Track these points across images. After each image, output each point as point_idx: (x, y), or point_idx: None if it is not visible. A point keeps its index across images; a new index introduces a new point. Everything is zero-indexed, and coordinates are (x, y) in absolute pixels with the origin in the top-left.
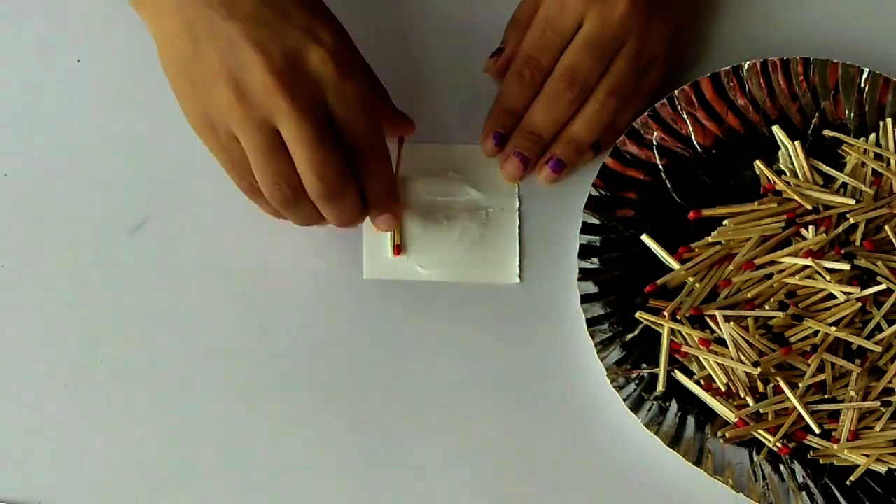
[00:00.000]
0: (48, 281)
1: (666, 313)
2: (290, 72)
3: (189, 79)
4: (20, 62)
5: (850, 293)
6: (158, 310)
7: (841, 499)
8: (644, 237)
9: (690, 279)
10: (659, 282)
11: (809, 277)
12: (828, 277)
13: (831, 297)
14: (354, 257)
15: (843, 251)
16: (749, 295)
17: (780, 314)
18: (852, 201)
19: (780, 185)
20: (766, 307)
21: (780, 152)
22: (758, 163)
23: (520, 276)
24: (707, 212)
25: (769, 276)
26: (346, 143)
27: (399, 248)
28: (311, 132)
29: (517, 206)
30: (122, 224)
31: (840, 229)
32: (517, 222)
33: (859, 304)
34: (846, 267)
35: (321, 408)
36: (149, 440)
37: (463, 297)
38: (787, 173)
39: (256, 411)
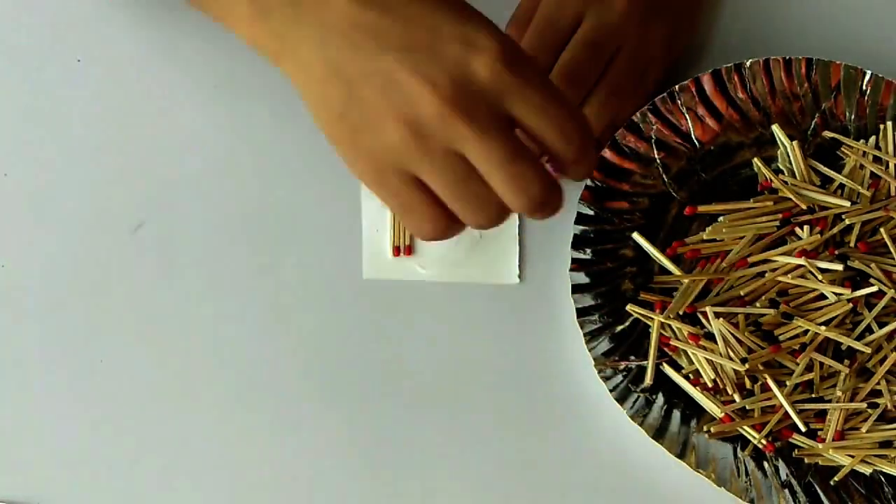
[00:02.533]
0: (48, 281)
1: (657, 309)
2: (461, 94)
3: (348, 126)
4: (20, 62)
5: (840, 294)
6: (158, 310)
7: (824, 498)
8: (635, 235)
9: (685, 281)
10: (654, 283)
11: (802, 277)
12: (820, 277)
13: (823, 296)
14: (354, 257)
15: (836, 252)
16: (741, 292)
17: (770, 311)
18: (847, 203)
19: (776, 183)
20: (758, 304)
21: (778, 151)
22: (756, 160)
23: (519, 276)
24: (703, 208)
25: (762, 273)
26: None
27: (410, 249)
28: (501, 151)
29: None
30: (122, 224)
31: (835, 230)
32: (517, 222)
33: (850, 305)
34: (839, 267)
35: (320, 407)
36: (149, 440)
37: (462, 297)
38: (785, 172)
39: (256, 411)
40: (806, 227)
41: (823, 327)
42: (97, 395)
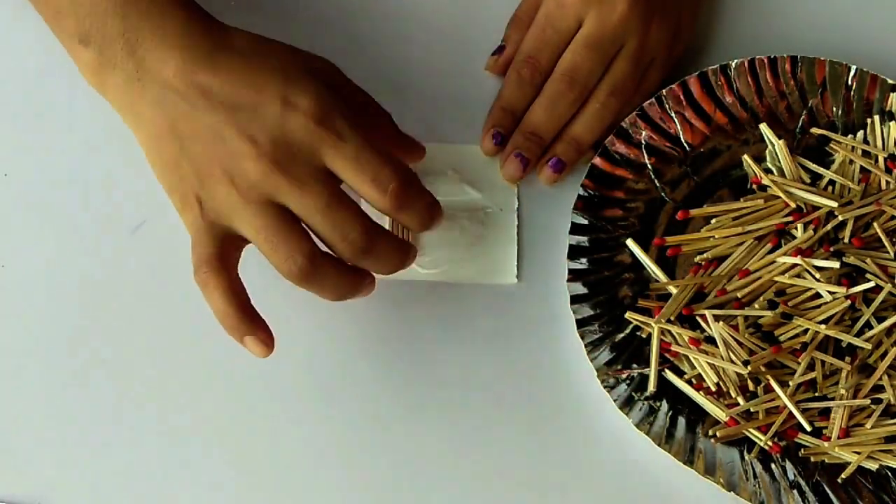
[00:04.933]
0: (48, 281)
1: (655, 315)
2: (279, 151)
3: (179, 178)
4: (20, 62)
5: (835, 293)
6: (158, 310)
7: (832, 496)
8: (629, 242)
9: (673, 289)
10: (650, 290)
11: (798, 276)
12: (817, 276)
13: (821, 294)
14: None
15: (831, 249)
16: (739, 294)
17: (769, 313)
18: (835, 203)
19: (765, 180)
20: (756, 305)
21: (767, 150)
22: (746, 157)
23: (518, 276)
24: (694, 212)
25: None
26: (358, 191)
27: None
28: (318, 200)
29: (516, 206)
30: (122, 224)
31: (828, 227)
32: (516, 222)
33: (848, 302)
34: (835, 265)
35: (319, 406)
36: (149, 440)
37: (461, 296)
38: (775, 172)
39: (255, 411)
40: (800, 225)
41: (823, 326)
42: (97, 395)
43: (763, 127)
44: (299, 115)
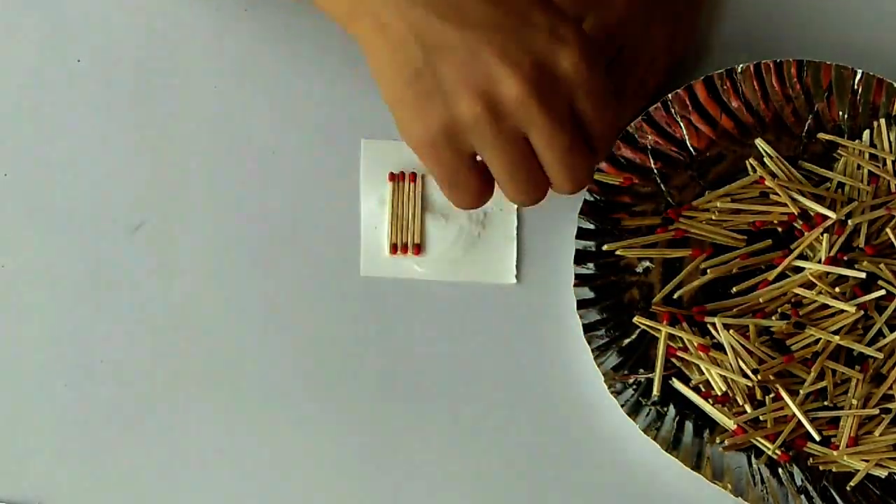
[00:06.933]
0: (48, 281)
1: (663, 320)
2: (542, 80)
3: (417, 91)
4: (20, 62)
5: (845, 311)
6: (158, 310)
7: (840, 501)
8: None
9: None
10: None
11: (804, 285)
12: (833, 289)
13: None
14: (351, 255)
15: (846, 257)
16: (761, 299)
17: (782, 323)
18: (833, 214)
19: (770, 183)
20: (774, 318)
21: (765, 159)
22: (751, 160)
23: (517, 277)
24: (696, 202)
25: (780, 278)
26: (589, 133)
27: (406, 248)
28: (565, 139)
29: (516, 205)
30: (122, 224)
31: (843, 236)
32: (515, 222)
33: (861, 312)
34: (861, 275)
35: (317, 405)
36: (148, 440)
37: (459, 296)
38: (780, 176)
39: (254, 410)
40: (826, 236)
41: (836, 336)
42: (97, 395)
43: (759, 142)
44: (568, 49)
